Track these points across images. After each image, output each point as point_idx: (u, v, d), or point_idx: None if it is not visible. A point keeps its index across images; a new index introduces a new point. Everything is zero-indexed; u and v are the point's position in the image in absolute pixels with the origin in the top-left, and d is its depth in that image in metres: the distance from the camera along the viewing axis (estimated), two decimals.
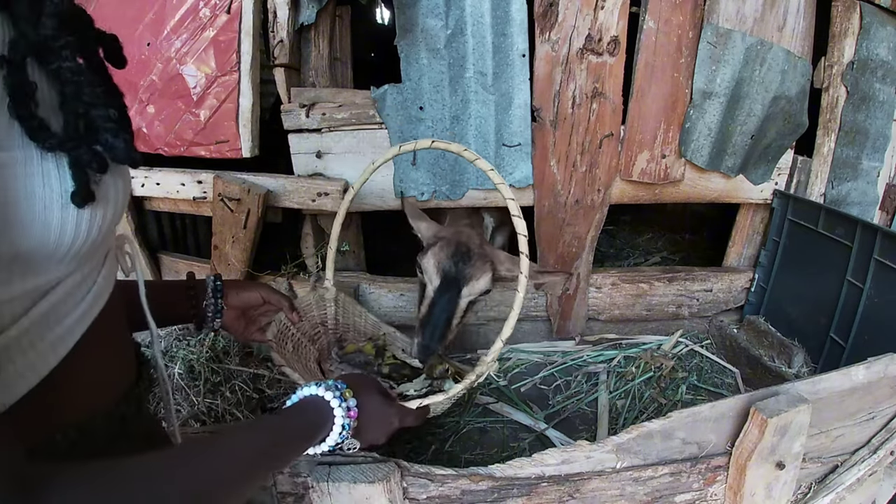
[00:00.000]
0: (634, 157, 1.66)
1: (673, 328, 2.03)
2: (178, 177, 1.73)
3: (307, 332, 1.32)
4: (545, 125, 1.59)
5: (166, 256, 1.97)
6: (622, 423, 1.68)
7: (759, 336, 1.87)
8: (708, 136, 1.66)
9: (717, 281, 1.94)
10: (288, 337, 1.19)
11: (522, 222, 1.03)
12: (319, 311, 1.38)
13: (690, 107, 1.62)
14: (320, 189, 1.58)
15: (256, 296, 1.01)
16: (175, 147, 1.73)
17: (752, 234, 1.98)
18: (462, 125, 1.56)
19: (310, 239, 1.81)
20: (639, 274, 1.91)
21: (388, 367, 1.31)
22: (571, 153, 1.62)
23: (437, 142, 1.09)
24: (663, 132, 1.65)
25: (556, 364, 1.91)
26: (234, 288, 0.97)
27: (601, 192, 1.68)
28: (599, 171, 1.65)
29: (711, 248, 2.60)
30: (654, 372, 1.84)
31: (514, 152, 1.60)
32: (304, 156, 1.63)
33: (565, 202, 1.68)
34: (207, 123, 1.66)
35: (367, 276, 1.87)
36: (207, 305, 0.93)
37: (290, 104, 1.61)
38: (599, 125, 1.60)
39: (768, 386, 0.93)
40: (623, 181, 1.70)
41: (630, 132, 1.64)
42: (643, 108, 1.62)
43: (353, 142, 1.60)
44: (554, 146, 1.61)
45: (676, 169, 1.70)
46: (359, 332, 1.49)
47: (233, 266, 1.74)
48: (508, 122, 1.57)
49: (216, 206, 1.65)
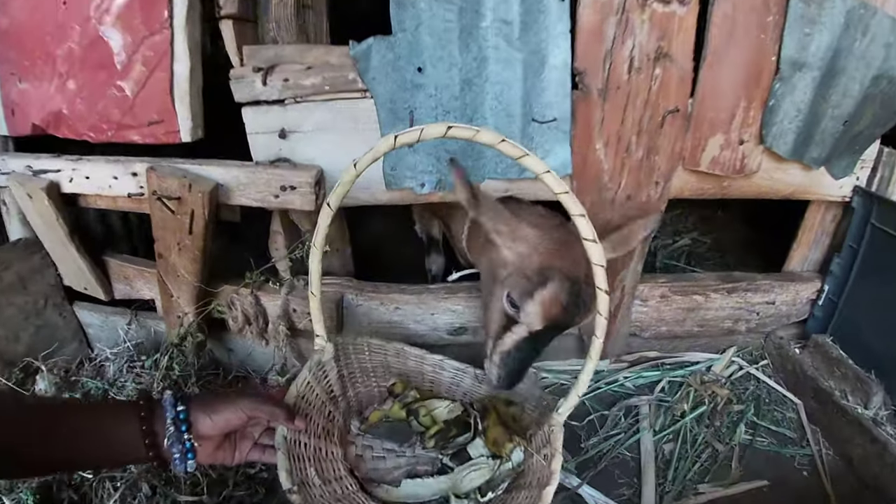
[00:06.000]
0: (705, 140, 1.15)
1: (723, 344, 1.57)
2: (109, 168, 1.23)
3: (322, 424, 0.96)
4: (591, 95, 1.07)
5: (114, 260, 1.48)
6: (672, 475, 1.24)
7: (828, 363, 1.40)
8: (795, 119, 1.16)
9: (781, 292, 1.47)
10: (302, 454, 0.85)
11: (599, 249, 0.75)
12: (323, 385, 0.99)
13: (777, 79, 1.11)
14: (285, 181, 1.09)
15: (237, 417, 0.75)
16: (101, 131, 1.22)
17: (822, 236, 1.49)
18: (476, 93, 1.05)
19: (280, 238, 1.32)
20: (693, 284, 1.43)
21: (432, 439, 1.01)
22: (625, 133, 1.11)
23: (456, 127, 0.70)
24: (743, 111, 1.14)
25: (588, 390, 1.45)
26: (204, 411, 0.72)
27: (660, 185, 1.18)
28: (659, 158, 1.14)
29: (747, 226, 2.15)
30: (707, 404, 1.38)
31: (547, 131, 1.09)
32: (263, 136, 1.13)
33: (614, 198, 1.18)
34: (136, 98, 1.15)
35: (354, 284, 1.39)
36: (171, 443, 0.69)
37: (242, 68, 1.09)
38: (663, 97, 1.09)
39: (839, 427, 0.74)
40: (686, 171, 1.19)
41: (700, 108, 1.13)
42: (719, 78, 1.11)
43: (328, 116, 1.09)
44: (602, 124, 1.10)
45: (754, 158, 1.20)
46: (366, 373, 1.14)
47: (182, 278, 1.26)
48: (540, 90, 1.06)
49: (153, 207, 1.16)
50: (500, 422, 1.01)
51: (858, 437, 1.22)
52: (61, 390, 1.34)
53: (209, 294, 1.31)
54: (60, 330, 1.50)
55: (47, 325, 1.47)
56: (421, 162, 1.12)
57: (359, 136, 1.10)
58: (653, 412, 1.39)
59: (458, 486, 0.95)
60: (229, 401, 0.75)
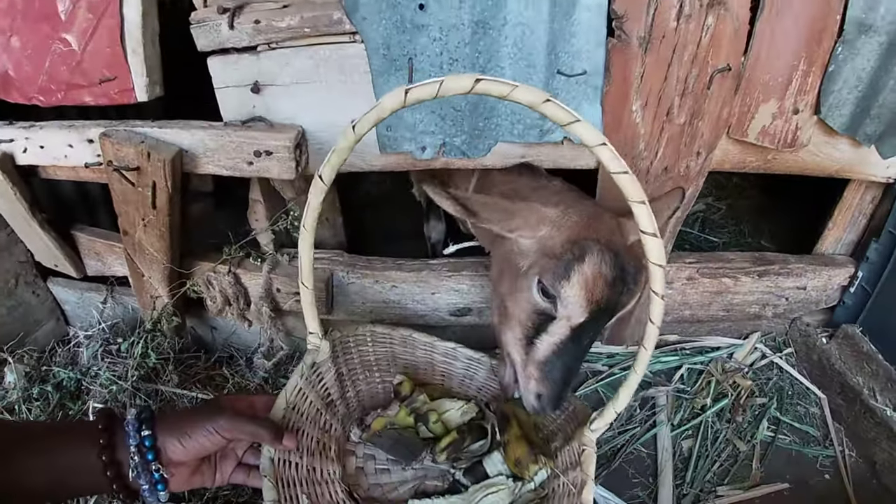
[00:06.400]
0: (756, 106, 0.97)
1: (746, 328, 1.45)
2: (63, 135, 1.04)
3: (316, 437, 0.82)
4: (630, 45, 0.88)
5: (83, 235, 1.31)
6: (690, 477, 1.14)
7: (857, 357, 1.28)
8: (855, 89, 0.98)
9: (814, 277, 1.33)
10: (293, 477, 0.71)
11: (658, 245, 0.58)
12: (318, 390, 0.85)
13: (840, 42, 0.92)
14: (259, 145, 0.91)
15: (212, 442, 0.63)
16: (50, 93, 1.03)
17: (859, 217, 1.34)
18: (492, 38, 0.86)
19: (260, 208, 1.15)
20: (723, 266, 1.28)
21: (443, 452, 0.87)
22: (667, 93, 0.93)
23: (487, 80, 0.55)
24: (801, 75, 0.95)
25: (600, 376, 1.34)
26: (173, 434, 0.61)
27: (701, 156, 1.00)
28: (703, 124, 0.97)
29: (762, 193, 2.04)
30: (729, 396, 1.28)
31: (575, 86, 0.91)
32: (233, 91, 0.94)
33: (648, 168, 1.01)
34: (84, 53, 0.96)
35: (346, 259, 1.24)
36: (137, 474, 0.59)
37: (205, 9, 0.89)
38: (713, 52, 0.90)
39: (866, 429, 0.66)
40: (730, 140, 1.02)
41: (754, 69, 0.94)
42: (777, 34, 0.91)
43: (309, 65, 0.90)
44: (641, 80, 0.91)
45: (806, 131, 1.02)
46: (368, 367, 1.02)
47: (151, 256, 1.10)
48: (569, 36, 0.87)
49: (111, 179, 0.98)
50: (523, 434, 0.87)
51: (885, 442, 1.13)
52: (33, 381, 1.21)
53: (183, 274, 1.16)
54: (35, 309, 1.37)
55: (21, 305, 1.34)
56: (421, 121, 0.94)
57: (347, 90, 0.91)
58: (671, 403, 1.28)
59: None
60: (203, 420, 0.63)
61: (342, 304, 1.25)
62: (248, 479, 0.71)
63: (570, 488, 0.75)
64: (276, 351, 1.31)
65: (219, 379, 1.29)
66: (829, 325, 1.41)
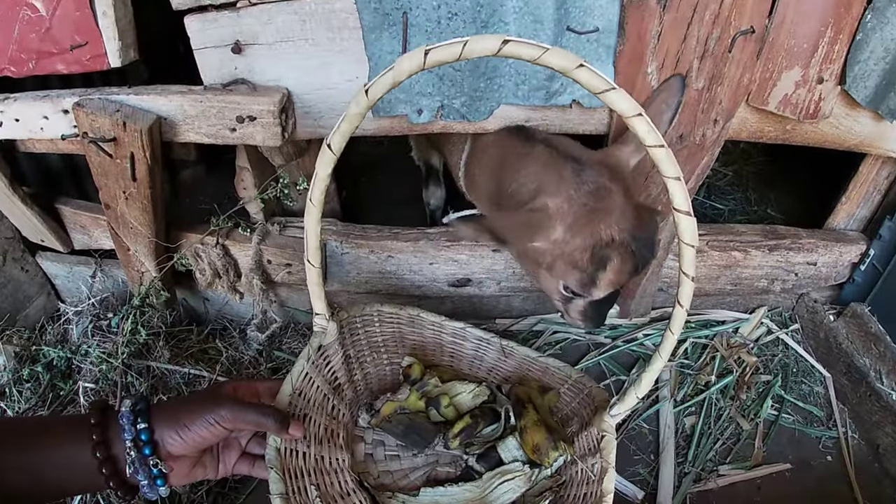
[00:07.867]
0: (778, 73, 0.89)
1: (753, 303, 1.40)
2: (38, 107, 0.95)
3: (324, 424, 0.76)
4: (647, 1, 0.78)
5: (67, 208, 1.24)
6: (692, 455, 1.11)
7: (865, 338, 1.23)
8: (882, 60, 0.89)
9: (825, 252, 1.27)
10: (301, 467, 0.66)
11: (692, 223, 0.57)
12: (325, 374, 0.80)
13: (869, 9, 0.83)
14: (241, 109, 0.83)
15: (213, 433, 0.58)
16: (21, 63, 0.94)
17: (873, 193, 1.27)
18: None
19: (248, 176, 1.08)
20: (734, 239, 1.22)
21: (456, 438, 0.82)
22: (686, 55, 0.84)
23: (515, 42, 0.49)
24: (828, 42, 0.86)
25: (602, 348, 1.30)
26: (171, 426, 0.57)
27: (719, 124, 0.92)
28: (722, 90, 0.88)
29: (767, 159, 1.97)
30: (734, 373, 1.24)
31: (586, 44, 0.83)
32: (213, 52, 0.85)
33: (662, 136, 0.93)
34: (53, 19, 0.86)
35: (339, 228, 1.17)
36: (134, 469, 0.55)
37: None
38: (737, 13, 0.81)
39: (870, 411, 0.64)
40: (749, 109, 0.93)
41: (779, 33, 0.85)
42: None
43: (294, 21, 0.81)
44: (658, 40, 0.82)
45: (829, 102, 0.94)
46: (376, 348, 0.97)
47: (135, 230, 1.04)
48: None
49: (88, 151, 0.91)
50: (540, 419, 0.83)
51: (889, 426, 1.09)
52: (23, 362, 1.17)
53: (170, 248, 1.09)
54: (25, 285, 1.32)
55: (10, 282, 1.28)
56: (418, 82, 0.85)
57: (336, 48, 0.83)
58: (674, 378, 1.24)
59: (488, 499, 0.78)
60: (203, 411, 0.58)
61: (336, 275, 1.19)
62: (253, 469, 0.67)
63: (589, 475, 0.71)
64: (270, 323, 1.27)
65: (212, 352, 1.25)
66: (837, 301, 1.36)
